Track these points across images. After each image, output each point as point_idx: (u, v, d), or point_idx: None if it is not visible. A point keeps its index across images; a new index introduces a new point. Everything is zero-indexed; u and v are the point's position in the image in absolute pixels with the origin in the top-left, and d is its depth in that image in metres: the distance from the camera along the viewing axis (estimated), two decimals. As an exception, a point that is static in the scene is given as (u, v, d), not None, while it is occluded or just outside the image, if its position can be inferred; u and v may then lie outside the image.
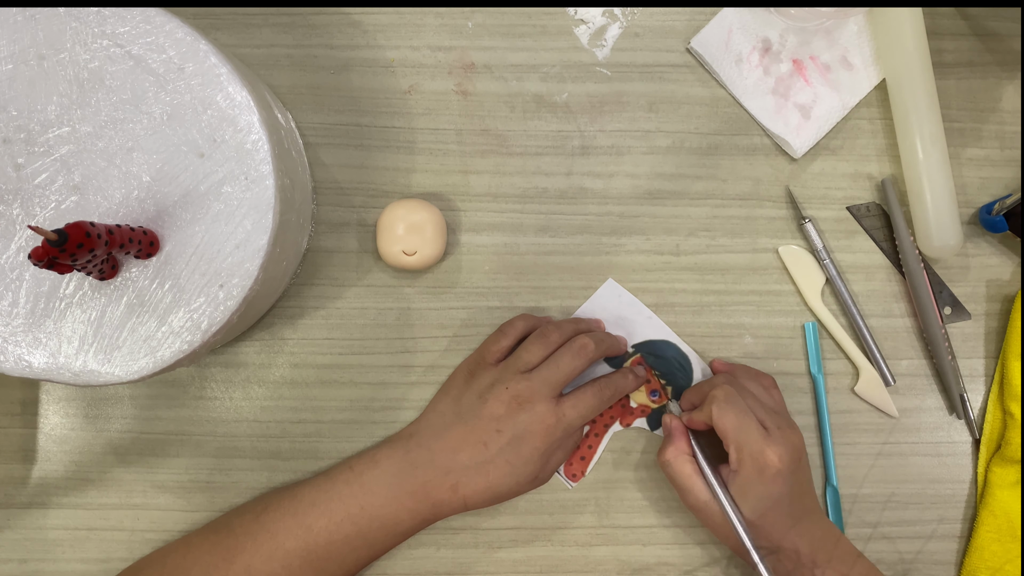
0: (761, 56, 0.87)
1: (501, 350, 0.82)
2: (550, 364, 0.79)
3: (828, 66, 0.88)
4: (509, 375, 0.78)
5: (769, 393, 0.82)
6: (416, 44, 0.87)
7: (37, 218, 0.67)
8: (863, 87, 0.88)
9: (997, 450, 0.86)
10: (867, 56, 0.88)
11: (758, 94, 0.87)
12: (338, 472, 0.79)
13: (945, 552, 0.88)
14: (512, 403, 0.76)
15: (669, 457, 0.79)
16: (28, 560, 0.85)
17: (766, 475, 0.74)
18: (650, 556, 0.87)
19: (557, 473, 0.86)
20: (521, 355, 0.80)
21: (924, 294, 0.86)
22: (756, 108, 0.87)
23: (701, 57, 0.87)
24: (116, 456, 0.86)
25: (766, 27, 0.87)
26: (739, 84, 0.87)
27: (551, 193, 0.87)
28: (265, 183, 0.67)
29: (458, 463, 0.76)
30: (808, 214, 0.88)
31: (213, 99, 0.67)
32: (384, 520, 0.76)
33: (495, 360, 0.82)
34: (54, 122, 0.67)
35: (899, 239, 0.87)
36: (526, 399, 0.76)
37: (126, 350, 0.68)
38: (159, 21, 0.67)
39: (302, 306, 0.86)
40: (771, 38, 0.87)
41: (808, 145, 0.87)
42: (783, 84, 0.87)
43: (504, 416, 0.76)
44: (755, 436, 0.74)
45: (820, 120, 0.87)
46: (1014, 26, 0.89)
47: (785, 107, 0.87)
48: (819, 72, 0.88)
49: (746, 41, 0.87)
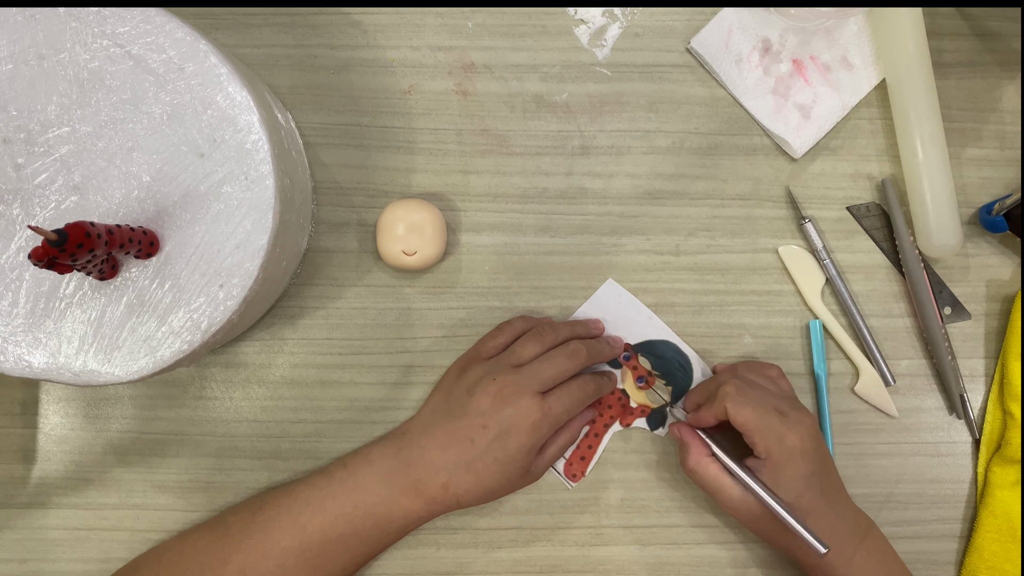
0: (761, 56, 0.87)
1: (496, 346, 0.82)
2: (541, 361, 0.79)
3: (828, 66, 0.88)
4: (499, 369, 0.78)
5: (776, 383, 0.83)
6: (416, 44, 0.87)
7: (37, 218, 0.67)
8: (863, 87, 0.88)
9: (997, 450, 0.86)
10: (867, 56, 0.88)
11: (758, 94, 0.87)
12: (333, 470, 0.79)
13: (945, 552, 0.88)
14: (497, 396, 0.76)
15: (692, 464, 0.79)
16: (28, 560, 0.85)
17: (794, 457, 0.74)
18: (650, 556, 0.87)
19: (556, 472, 0.86)
20: (515, 350, 0.80)
21: (924, 294, 0.86)
22: (756, 108, 0.87)
23: (701, 57, 0.87)
24: (116, 456, 0.86)
25: (766, 27, 0.87)
26: (739, 84, 0.87)
27: (551, 193, 0.87)
28: (265, 183, 0.67)
29: (447, 461, 0.76)
30: (808, 214, 0.88)
31: (213, 99, 0.67)
32: (378, 518, 0.76)
33: (489, 356, 0.82)
34: (54, 122, 0.67)
35: (899, 239, 0.87)
36: (512, 392, 0.76)
37: (126, 350, 0.68)
38: (159, 21, 0.67)
39: (302, 306, 0.86)
40: (771, 38, 0.87)
41: (808, 145, 0.87)
42: (783, 84, 0.87)
43: (489, 410, 0.76)
44: (775, 422, 0.75)
45: (820, 120, 0.87)
46: (1014, 26, 0.89)
47: (785, 107, 0.87)
48: (819, 72, 0.88)
49: (746, 41, 0.87)
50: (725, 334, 0.88)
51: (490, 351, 0.82)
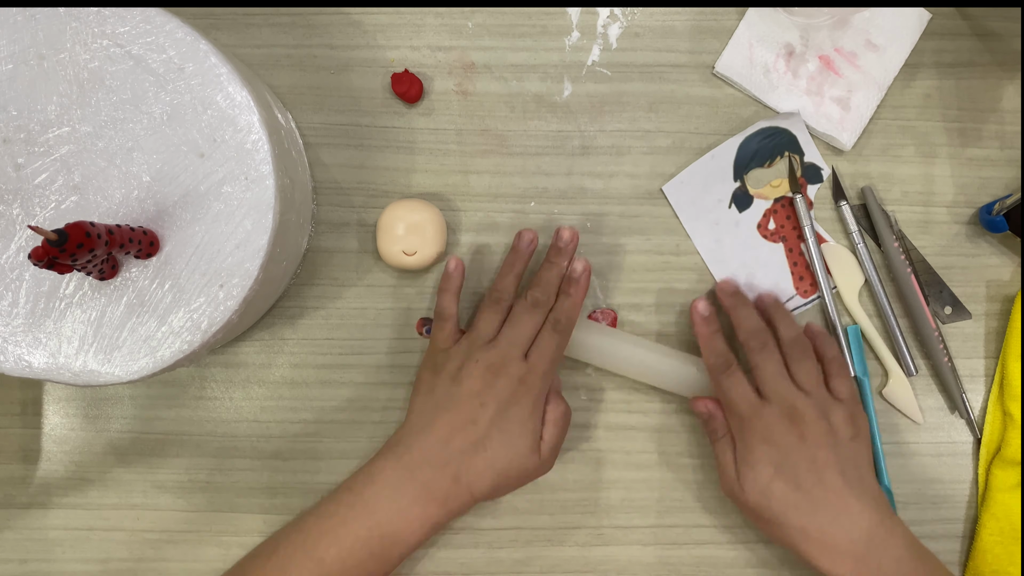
0: (787, 61, 0.87)
1: (448, 334, 0.81)
2: (511, 326, 0.79)
3: (854, 53, 0.87)
4: (475, 349, 0.78)
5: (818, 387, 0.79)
6: (416, 44, 0.87)
7: (37, 218, 0.67)
8: (894, 63, 0.87)
9: (997, 452, 0.86)
10: (889, 32, 0.87)
11: (793, 98, 0.87)
12: (340, 495, 0.77)
13: (945, 552, 0.87)
14: (487, 374, 0.76)
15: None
16: (28, 560, 0.85)
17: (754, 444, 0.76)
18: (650, 556, 0.87)
19: None
20: (479, 327, 0.79)
21: (914, 298, 0.86)
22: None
23: (729, 79, 0.87)
24: (116, 456, 0.86)
25: (783, 32, 0.87)
26: (772, 94, 0.87)
27: (551, 193, 0.87)
28: (265, 183, 0.67)
29: (453, 451, 0.75)
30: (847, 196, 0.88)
31: (213, 99, 0.67)
32: (395, 536, 0.75)
33: (450, 345, 0.81)
34: (54, 122, 0.67)
35: (884, 245, 0.87)
36: (499, 365, 0.76)
37: (126, 350, 0.68)
38: (159, 21, 0.67)
39: (302, 306, 0.86)
40: (792, 42, 0.87)
41: (856, 135, 0.87)
42: (815, 82, 0.87)
43: (483, 389, 0.76)
44: (746, 406, 0.77)
45: (860, 108, 0.87)
46: (1014, 26, 0.89)
47: (823, 104, 0.87)
48: (847, 61, 0.87)
49: (768, 51, 0.87)
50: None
51: (447, 340, 0.81)
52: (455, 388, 0.77)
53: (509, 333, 0.78)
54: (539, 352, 0.77)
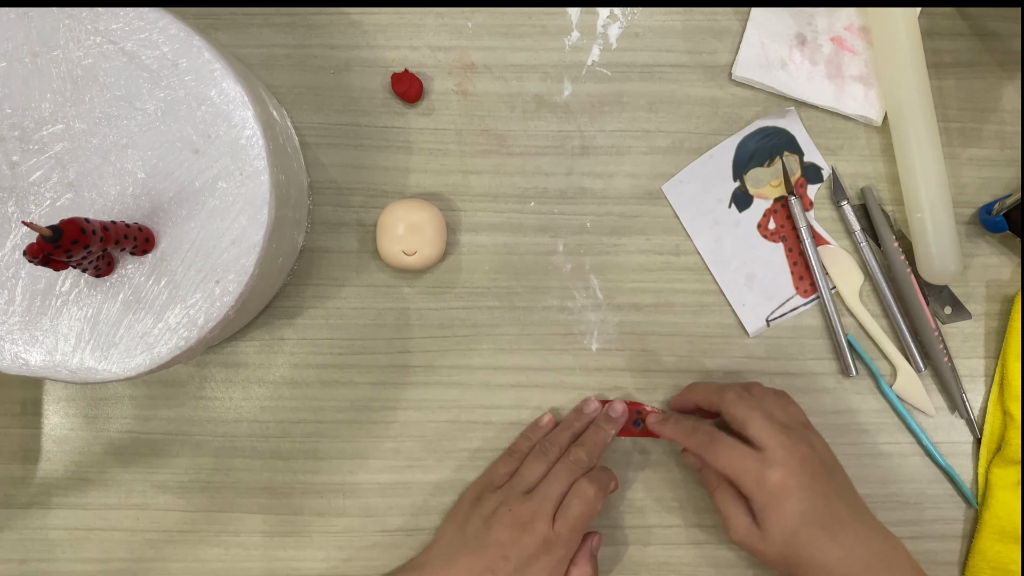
0: (801, 50, 0.87)
1: (507, 473, 0.82)
2: (547, 481, 0.79)
3: (865, 28, 0.88)
4: (512, 497, 0.78)
5: (785, 409, 0.80)
6: (416, 44, 0.87)
7: (32, 215, 0.67)
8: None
9: (997, 451, 0.86)
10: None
11: (815, 85, 0.88)
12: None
13: (945, 552, 0.87)
14: (515, 527, 0.76)
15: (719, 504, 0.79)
16: (28, 560, 0.85)
17: (778, 496, 0.72)
18: (650, 556, 0.87)
19: None
20: (523, 474, 0.80)
21: (913, 298, 0.86)
22: (821, 99, 0.87)
23: (751, 81, 0.87)
24: (116, 456, 0.86)
25: (791, 23, 0.87)
26: (794, 86, 0.87)
27: (551, 193, 0.87)
28: (260, 179, 0.67)
29: None
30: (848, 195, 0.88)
31: (207, 95, 0.67)
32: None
33: (503, 481, 0.82)
34: (48, 119, 0.67)
35: (884, 245, 0.86)
36: (528, 521, 0.76)
37: (123, 347, 0.68)
38: (152, 17, 0.67)
39: (302, 306, 0.87)
40: (801, 30, 0.87)
41: (883, 108, 0.87)
42: (833, 65, 0.87)
43: (508, 541, 0.76)
44: (752, 466, 0.74)
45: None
46: (1014, 26, 0.89)
47: (845, 85, 0.87)
48: (859, 37, 0.87)
49: (781, 45, 0.87)
50: (725, 334, 0.88)
51: (501, 478, 0.82)
52: (484, 531, 0.77)
53: (545, 489, 0.78)
54: (566, 515, 0.77)
